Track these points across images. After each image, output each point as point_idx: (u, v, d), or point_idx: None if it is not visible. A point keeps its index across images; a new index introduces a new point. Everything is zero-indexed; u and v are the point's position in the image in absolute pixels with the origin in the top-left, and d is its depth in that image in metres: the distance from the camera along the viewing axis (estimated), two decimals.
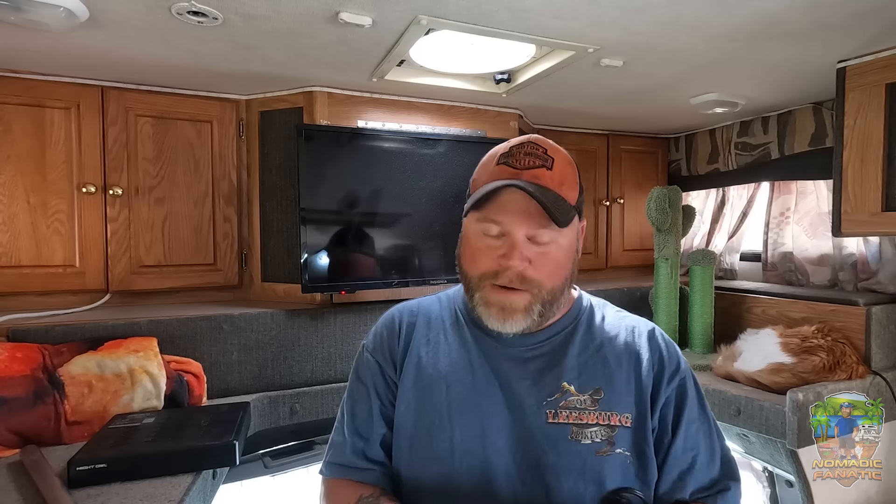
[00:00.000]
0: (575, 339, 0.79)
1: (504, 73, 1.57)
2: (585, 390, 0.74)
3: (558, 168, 0.73)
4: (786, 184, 2.04)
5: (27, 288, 1.46)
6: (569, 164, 0.75)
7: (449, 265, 1.69)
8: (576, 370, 0.75)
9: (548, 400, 0.73)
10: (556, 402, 0.73)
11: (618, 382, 0.75)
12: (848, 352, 1.55)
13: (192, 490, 0.96)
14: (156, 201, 1.59)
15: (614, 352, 0.77)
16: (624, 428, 0.73)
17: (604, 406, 0.73)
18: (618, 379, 0.75)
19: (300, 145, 1.48)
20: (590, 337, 0.79)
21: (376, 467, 0.78)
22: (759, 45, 1.27)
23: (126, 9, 1.06)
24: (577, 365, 0.76)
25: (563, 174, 0.73)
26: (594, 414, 0.73)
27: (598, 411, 0.73)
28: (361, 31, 1.15)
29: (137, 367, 1.25)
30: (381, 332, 0.84)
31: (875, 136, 1.34)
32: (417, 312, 0.85)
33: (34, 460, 1.01)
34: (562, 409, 0.73)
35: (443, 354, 0.79)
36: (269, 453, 1.63)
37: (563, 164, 0.74)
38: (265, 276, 1.71)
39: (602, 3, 1.04)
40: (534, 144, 0.75)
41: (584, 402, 0.73)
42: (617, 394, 0.74)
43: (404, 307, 0.87)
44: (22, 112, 1.43)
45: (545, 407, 0.73)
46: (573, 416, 0.72)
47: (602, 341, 0.79)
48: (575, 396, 0.74)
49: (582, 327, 0.80)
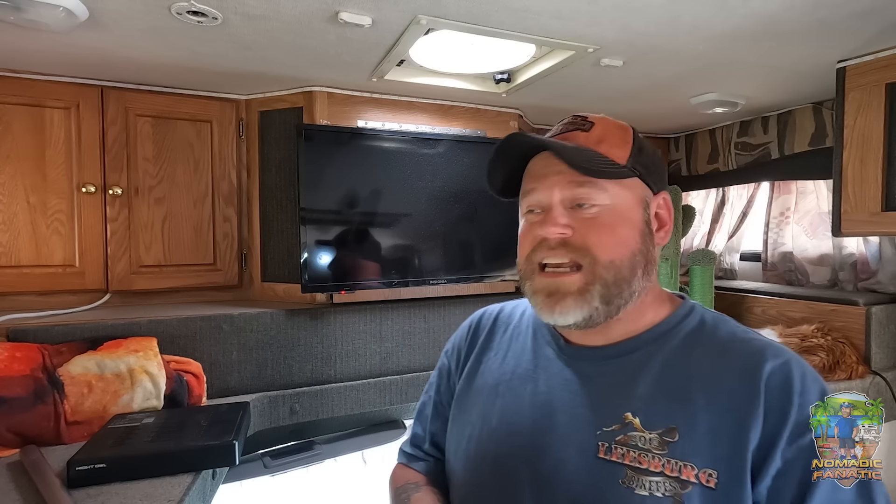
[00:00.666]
0: (659, 357, 0.61)
1: (504, 72, 1.56)
2: (654, 427, 0.57)
3: (598, 129, 0.64)
4: (786, 184, 2.04)
5: (27, 288, 1.46)
6: (617, 128, 0.65)
7: (449, 265, 1.69)
8: (647, 399, 0.59)
9: (604, 430, 0.59)
10: (612, 435, 0.58)
11: (701, 424, 0.55)
12: (848, 352, 1.55)
13: (191, 490, 0.96)
14: (156, 201, 1.59)
15: (710, 384, 0.57)
16: (702, 488, 0.53)
17: (676, 452, 0.55)
18: (703, 420, 0.55)
19: (300, 145, 1.48)
20: (683, 358, 0.61)
21: (429, 458, 0.80)
22: (759, 45, 1.27)
23: (126, 9, 1.06)
24: (651, 393, 0.59)
25: (605, 133, 0.64)
26: (660, 460, 0.55)
27: (665, 457, 0.55)
28: (361, 30, 1.15)
29: (137, 367, 1.25)
30: (459, 332, 0.83)
31: (875, 136, 1.34)
32: (498, 315, 0.80)
33: (34, 460, 1.01)
34: (618, 444, 0.57)
35: (506, 362, 0.72)
36: (269, 453, 1.63)
37: (607, 126, 0.65)
38: (265, 275, 1.71)
39: (602, 2, 1.04)
40: (575, 115, 0.67)
41: (648, 441, 0.56)
42: (698, 440, 0.55)
43: (488, 309, 0.83)
44: (22, 112, 1.43)
45: (599, 438, 0.59)
46: (630, 457, 0.56)
47: (699, 368, 0.59)
48: (639, 432, 0.57)
49: (675, 344, 0.62)
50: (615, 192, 0.61)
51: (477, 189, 1.70)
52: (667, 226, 0.66)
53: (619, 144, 0.63)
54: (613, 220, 0.61)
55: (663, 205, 0.67)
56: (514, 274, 1.88)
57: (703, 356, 0.60)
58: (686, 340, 0.62)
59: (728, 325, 0.64)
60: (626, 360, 0.62)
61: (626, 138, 0.64)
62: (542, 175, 0.63)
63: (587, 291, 0.60)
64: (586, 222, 0.60)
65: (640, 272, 0.62)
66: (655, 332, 0.64)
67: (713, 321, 0.64)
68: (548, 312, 0.62)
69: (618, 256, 0.60)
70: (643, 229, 0.63)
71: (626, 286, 0.61)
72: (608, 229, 0.60)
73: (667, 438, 0.56)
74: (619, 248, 0.60)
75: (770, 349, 0.58)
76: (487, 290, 1.81)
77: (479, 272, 1.74)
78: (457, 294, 1.79)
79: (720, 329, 0.63)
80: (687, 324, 0.64)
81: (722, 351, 0.60)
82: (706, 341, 0.62)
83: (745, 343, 0.60)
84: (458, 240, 1.71)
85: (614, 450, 0.57)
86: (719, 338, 0.62)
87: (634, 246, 0.62)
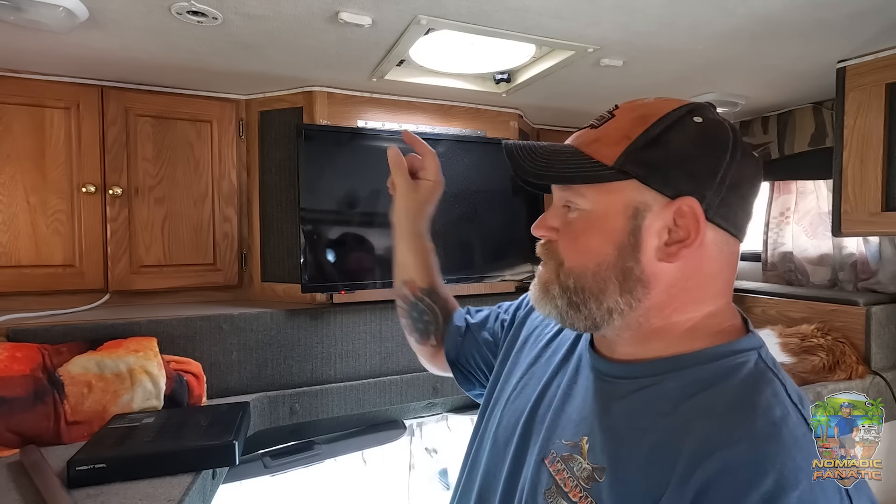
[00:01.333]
0: (644, 393, 0.54)
1: (504, 72, 1.57)
2: (594, 459, 0.53)
3: (612, 123, 0.57)
4: (786, 184, 2.04)
5: (27, 288, 1.46)
6: (633, 117, 0.56)
7: (449, 265, 1.69)
8: (603, 429, 0.54)
9: (563, 441, 0.57)
10: (563, 449, 0.57)
11: (633, 481, 0.49)
12: (848, 352, 1.55)
13: (191, 490, 0.96)
14: (155, 201, 1.59)
15: (660, 448, 0.48)
16: None
17: (594, 493, 0.51)
18: (637, 477, 0.49)
19: (300, 145, 1.48)
20: (665, 404, 0.51)
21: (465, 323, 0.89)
22: (759, 45, 1.27)
23: (126, 8, 1.06)
24: (611, 425, 0.54)
25: (611, 129, 0.56)
26: (580, 492, 0.52)
27: (585, 493, 0.52)
28: (361, 30, 1.15)
29: (137, 367, 1.25)
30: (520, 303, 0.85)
31: (875, 136, 1.34)
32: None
33: (34, 460, 1.01)
34: (562, 459, 0.56)
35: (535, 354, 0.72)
36: (269, 453, 1.63)
37: (623, 118, 0.56)
38: (265, 275, 1.71)
39: (602, 3, 1.04)
40: (614, 107, 0.59)
41: (582, 470, 0.53)
42: (616, 493, 0.49)
43: None
44: (22, 112, 1.43)
45: (554, 446, 0.58)
46: (562, 476, 0.55)
47: (669, 422, 0.49)
48: (581, 459, 0.54)
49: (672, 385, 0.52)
50: (593, 198, 0.55)
51: (477, 189, 1.70)
52: (687, 240, 0.52)
53: (615, 140, 0.55)
54: (583, 228, 0.56)
55: (688, 213, 0.52)
56: (514, 274, 1.89)
57: (684, 412, 0.49)
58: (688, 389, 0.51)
59: (775, 383, 0.49)
60: (622, 384, 0.57)
61: (630, 131, 0.54)
62: None
63: (549, 289, 0.59)
64: (565, 226, 0.58)
65: (612, 288, 0.54)
66: (664, 364, 0.54)
67: (761, 372, 0.51)
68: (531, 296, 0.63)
69: (577, 265, 0.56)
70: (622, 241, 0.54)
71: (593, 298, 0.55)
72: (573, 236, 0.57)
73: (595, 476, 0.52)
74: (579, 256, 0.56)
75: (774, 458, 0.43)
76: (487, 290, 1.81)
77: (479, 272, 1.74)
78: (457, 294, 1.77)
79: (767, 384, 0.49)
80: (730, 359, 0.52)
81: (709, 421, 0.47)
82: (704, 402, 0.49)
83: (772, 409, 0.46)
84: (458, 240, 1.71)
85: (555, 462, 0.56)
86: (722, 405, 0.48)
87: (603, 258, 0.55)
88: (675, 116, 0.54)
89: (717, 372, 0.51)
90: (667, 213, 0.53)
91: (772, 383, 0.49)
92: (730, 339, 0.55)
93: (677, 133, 0.53)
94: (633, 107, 0.57)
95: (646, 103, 0.57)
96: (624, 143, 0.54)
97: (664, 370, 0.54)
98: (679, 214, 0.53)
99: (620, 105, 0.59)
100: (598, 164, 0.54)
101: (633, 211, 0.54)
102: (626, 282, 0.54)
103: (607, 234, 0.55)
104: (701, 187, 0.53)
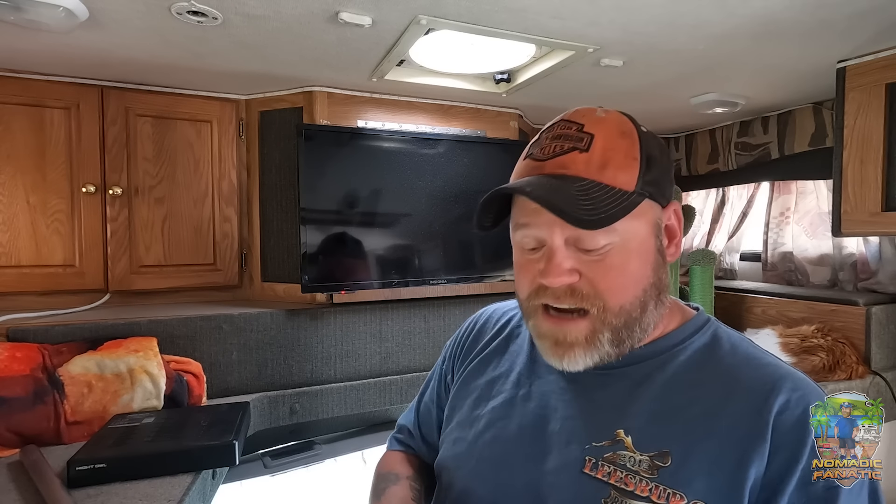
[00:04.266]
0: (661, 374, 0.57)
1: (504, 72, 1.57)
2: (646, 448, 0.53)
3: (600, 144, 0.55)
4: (786, 184, 2.04)
5: (27, 288, 1.46)
6: (620, 136, 0.56)
7: (449, 265, 1.69)
8: (643, 417, 0.55)
9: (593, 444, 0.55)
10: (601, 451, 0.55)
11: (698, 452, 0.51)
12: (848, 352, 1.55)
13: (191, 490, 0.96)
14: (156, 201, 1.59)
15: (714, 409, 0.53)
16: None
17: (666, 479, 0.51)
18: (700, 448, 0.52)
19: (300, 145, 1.48)
20: (688, 378, 0.56)
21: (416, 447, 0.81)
22: (759, 45, 1.27)
23: (126, 8, 1.06)
24: (649, 411, 0.55)
25: (608, 151, 0.55)
26: (647, 484, 0.51)
27: (654, 482, 0.51)
28: (361, 30, 1.15)
29: (137, 367, 1.25)
30: (460, 330, 0.80)
31: (875, 136, 1.34)
32: (499, 317, 0.76)
33: (34, 460, 1.01)
34: (606, 461, 0.54)
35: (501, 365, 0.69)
36: (269, 453, 1.63)
37: (609, 137, 0.55)
38: (265, 275, 1.71)
39: (601, 2, 1.04)
40: (567, 122, 0.57)
41: (638, 462, 0.53)
42: (692, 469, 0.51)
43: (488, 308, 0.80)
44: (22, 112, 1.43)
45: (587, 452, 0.55)
46: (616, 476, 0.53)
47: (704, 390, 0.55)
48: (629, 452, 0.53)
49: (681, 361, 0.58)
50: (625, 228, 0.54)
51: (477, 189, 1.70)
52: (677, 237, 0.59)
53: (626, 164, 0.55)
54: (624, 259, 0.54)
55: (673, 216, 0.59)
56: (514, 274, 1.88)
57: (710, 378, 0.55)
58: (694, 358, 0.58)
59: (745, 347, 0.59)
60: (626, 372, 0.58)
61: (631, 152, 0.56)
62: (536, 211, 0.55)
63: (595, 340, 0.55)
64: (594, 265, 0.54)
65: (652, 304, 0.57)
66: (661, 345, 0.59)
67: (729, 340, 0.59)
68: (556, 360, 0.57)
69: (628, 300, 0.55)
70: (655, 259, 0.57)
71: (638, 325, 0.56)
72: (618, 271, 0.54)
73: (658, 462, 0.52)
74: (630, 289, 0.55)
75: (788, 380, 0.53)
76: (487, 290, 1.81)
77: (479, 272, 1.74)
78: (457, 294, 1.79)
79: (736, 350, 0.58)
80: (697, 339, 0.59)
81: (733, 375, 0.55)
82: (717, 362, 0.57)
83: (760, 369, 0.55)
84: (458, 240, 1.71)
85: (601, 467, 0.54)
86: (732, 360, 0.57)
87: (646, 281, 0.56)
88: (639, 130, 0.58)
89: (706, 342, 0.59)
90: (664, 219, 0.59)
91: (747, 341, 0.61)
92: (683, 311, 0.63)
93: (652, 147, 0.58)
94: (606, 122, 0.57)
95: (607, 118, 0.58)
96: (634, 166, 0.55)
97: (667, 349, 0.59)
98: (670, 218, 0.59)
99: (582, 119, 0.57)
100: (623, 192, 0.54)
101: (655, 228, 0.57)
102: (660, 294, 0.58)
103: (644, 258, 0.56)
104: (672, 189, 0.60)
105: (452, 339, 0.82)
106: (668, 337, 0.60)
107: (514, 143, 1.82)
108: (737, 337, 0.61)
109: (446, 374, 0.79)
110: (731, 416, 0.52)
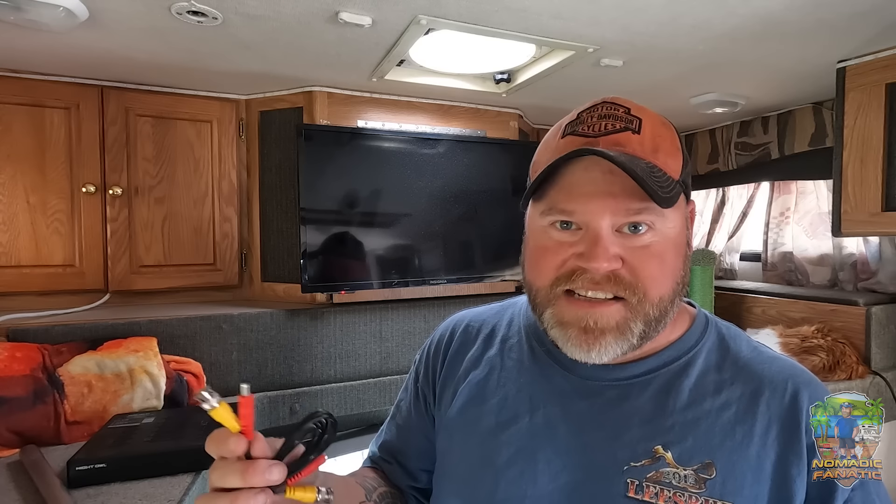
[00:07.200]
0: (686, 380, 0.55)
1: (504, 73, 1.57)
2: (688, 462, 0.51)
3: (649, 129, 0.52)
4: (786, 184, 2.04)
5: (27, 288, 1.46)
6: (663, 126, 0.54)
7: (449, 265, 1.69)
8: (678, 430, 0.52)
9: (632, 465, 0.52)
10: (642, 471, 0.51)
11: (742, 460, 0.50)
12: (848, 352, 1.55)
13: (191, 490, 0.96)
14: (156, 201, 1.59)
15: (747, 413, 0.52)
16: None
17: (715, 491, 0.49)
18: (743, 455, 0.51)
19: (300, 145, 1.48)
20: (712, 380, 0.55)
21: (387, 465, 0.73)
22: (759, 45, 1.27)
23: (126, 8, 1.06)
24: (683, 422, 0.53)
25: (658, 137, 0.53)
26: (698, 499, 0.49)
27: (704, 496, 0.49)
28: (361, 30, 1.15)
29: (137, 367, 1.25)
30: (430, 346, 0.73)
31: (875, 136, 1.34)
32: (479, 327, 0.70)
33: (34, 460, 1.01)
34: (650, 482, 0.51)
35: (496, 382, 0.62)
36: None
37: (656, 124, 0.53)
38: (265, 275, 1.71)
39: (601, 2, 1.04)
40: (611, 104, 0.54)
41: (684, 478, 0.50)
42: (738, 477, 0.50)
43: (461, 318, 0.73)
44: (22, 112, 1.43)
45: (626, 474, 0.52)
46: (665, 496, 0.50)
47: (731, 392, 0.54)
48: (672, 468, 0.51)
49: (701, 364, 0.56)
50: (669, 216, 0.52)
51: (477, 189, 1.70)
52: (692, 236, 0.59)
53: (673, 152, 0.53)
54: (665, 249, 0.52)
55: (693, 212, 0.59)
56: (514, 274, 1.89)
57: (732, 378, 0.55)
58: (711, 359, 0.56)
59: (744, 341, 0.59)
60: (648, 382, 0.55)
61: (675, 142, 0.54)
62: (587, 194, 0.51)
63: (627, 328, 0.51)
64: (639, 252, 0.51)
65: (677, 300, 0.55)
66: (677, 348, 0.57)
67: (730, 336, 0.59)
68: (581, 349, 0.52)
69: (667, 291, 0.53)
70: (685, 253, 0.56)
71: (664, 320, 0.54)
72: (660, 260, 0.52)
73: (703, 475, 0.50)
74: (668, 280, 0.53)
75: (798, 374, 0.55)
76: (487, 290, 1.81)
77: (479, 272, 1.74)
78: (457, 294, 1.79)
79: (739, 344, 0.58)
80: (708, 338, 0.58)
81: (750, 372, 0.55)
82: (732, 360, 0.56)
83: (772, 364, 0.56)
84: (458, 240, 1.71)
85: (646, 488, 0.50)
86: (743, 355, 0.57)
87: (679, 274, 0.54)
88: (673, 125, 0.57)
89: (715, 341, 0.58)
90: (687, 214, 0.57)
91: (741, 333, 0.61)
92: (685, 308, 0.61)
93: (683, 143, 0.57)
94: (647, 111, 0.55)
95: (646, 108, 0.56)
96: (678, 156, 0.54)
97: (684, 352, 0.57)
98: (690, 216, 0.58)
99: (626, 104, 0.54)
100: (673, 179, 0.52)
101: (687, 222, 0.56)
102: (683, 288, 0.56)
103: (679, 250, 0.54)
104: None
105: (424, 354, 0.73)
106: (684, 339, 0.58)
107: (514, 143, 1.82)
108: (733, 331, 0.60)
109: (423, 392, 0.71)
110: (763, 417, 0.52)
